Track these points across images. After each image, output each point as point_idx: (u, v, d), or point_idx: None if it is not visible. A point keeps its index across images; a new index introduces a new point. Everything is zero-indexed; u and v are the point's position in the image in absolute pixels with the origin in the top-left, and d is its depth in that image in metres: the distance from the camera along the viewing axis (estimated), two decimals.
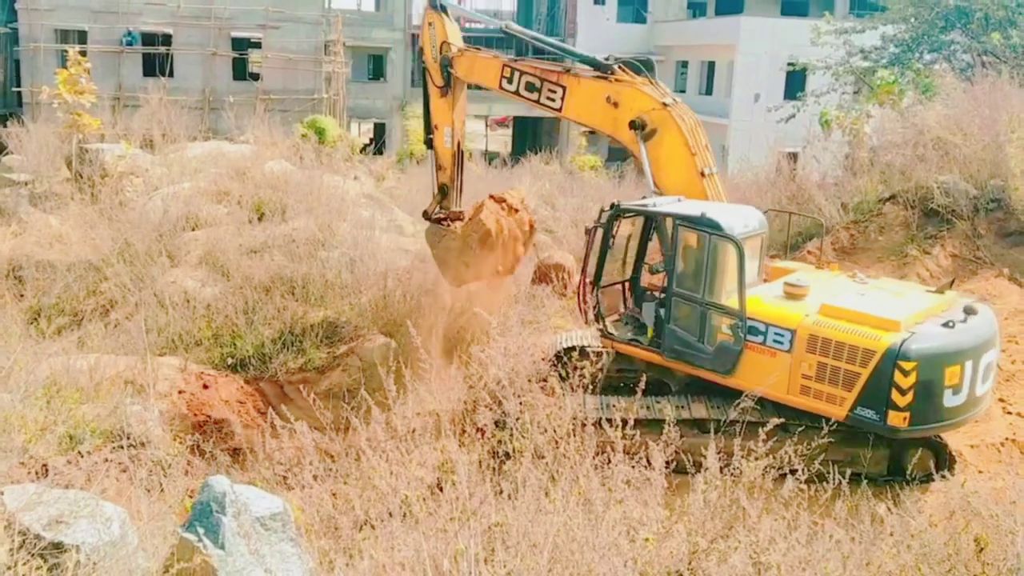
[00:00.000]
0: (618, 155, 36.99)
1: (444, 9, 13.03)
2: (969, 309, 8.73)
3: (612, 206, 10.26)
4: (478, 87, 13.90)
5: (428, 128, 13.73)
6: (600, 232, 10.25)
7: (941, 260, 14.44)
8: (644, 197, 10.88)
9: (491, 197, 13.34)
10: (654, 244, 10.76)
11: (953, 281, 9.08)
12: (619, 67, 10.97)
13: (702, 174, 10.59)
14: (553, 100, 11.45)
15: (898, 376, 8.16)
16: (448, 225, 13.29)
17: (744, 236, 9.41)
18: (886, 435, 8.53)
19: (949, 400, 8.33)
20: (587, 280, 10.43)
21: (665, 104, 10.63)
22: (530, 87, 11.68)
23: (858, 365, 8.40)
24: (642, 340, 10.13)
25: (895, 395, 8.19)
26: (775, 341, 8.91)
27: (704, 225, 9.41)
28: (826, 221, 13.36)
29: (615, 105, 10.78)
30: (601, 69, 11.10)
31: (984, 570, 5.76)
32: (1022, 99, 16.86)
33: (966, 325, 8.58)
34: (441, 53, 12.96)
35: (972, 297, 9.34)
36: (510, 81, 11.90)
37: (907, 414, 8.19)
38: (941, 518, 6.58)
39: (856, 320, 8.61)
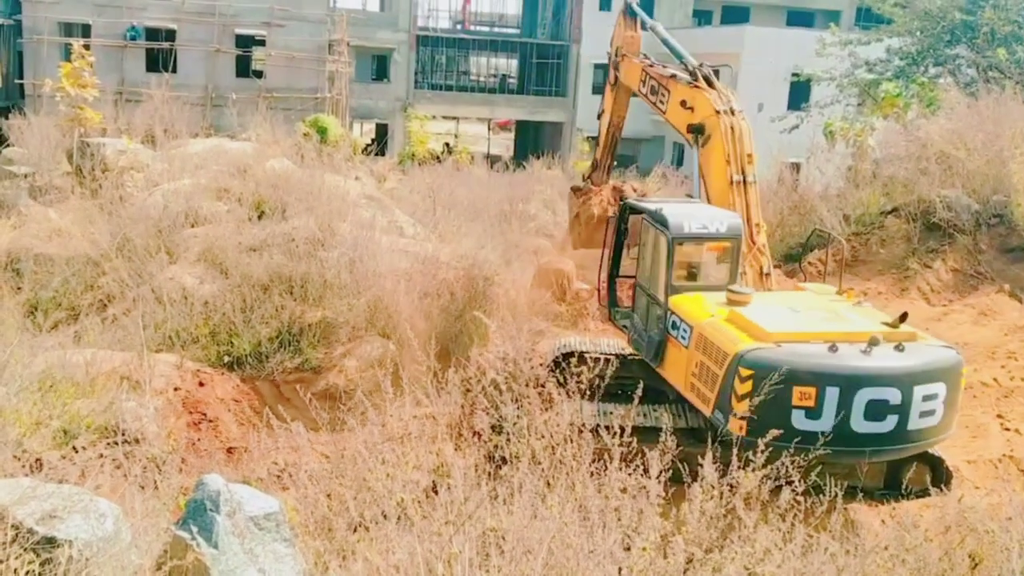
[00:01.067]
0: (621, 161, 37.00)
1: (633, 15, 14.13)
2: (874, 340, 8.20)
3: (621, 200, 11.47)
4: (481, 90, 14.28)
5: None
6: (613, 226, 11.07)
7: (942, 274, 14.44)
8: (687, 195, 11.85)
9: (613, 187, 15.60)
10: None
11: (905, 314, 8.88)
12: (701, 74, 11.57)
13: (731, 182, 10.69)
14: (664, 103, 12.20)
15: (736, 382, 8.08)
16: (587, 193, 15.44)
17: (691, 236, 9.67)
18: (729, 440, 8.00)
19: (801, 422, 7.89)
20: (601, 271, 11.36)
21: (717, 112, 10.93)
22: (654, 90, 12.58)
23: (717, 367, 8.42)
24: (628, 327, 10.80)
25: (733, 400, 8.10)
26: (682, 336, 9.22)
27: (656, 221, 9.95)
28: (828, 232, 13.34)
29: (691, 110, 11.36)
30: (690, 74, 11.72)
31: None
32: None
33: (855, 353, 8.11)
34: (616, 55, 14.36)
35: (929, 336, 9.02)
36: (644, 84, 12.88)
37: (743, 423, 7.94)
38: (937, 533, 6.55)
39: (740, 327, 8.57)
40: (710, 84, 11.38)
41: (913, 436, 8.25)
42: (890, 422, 8.06)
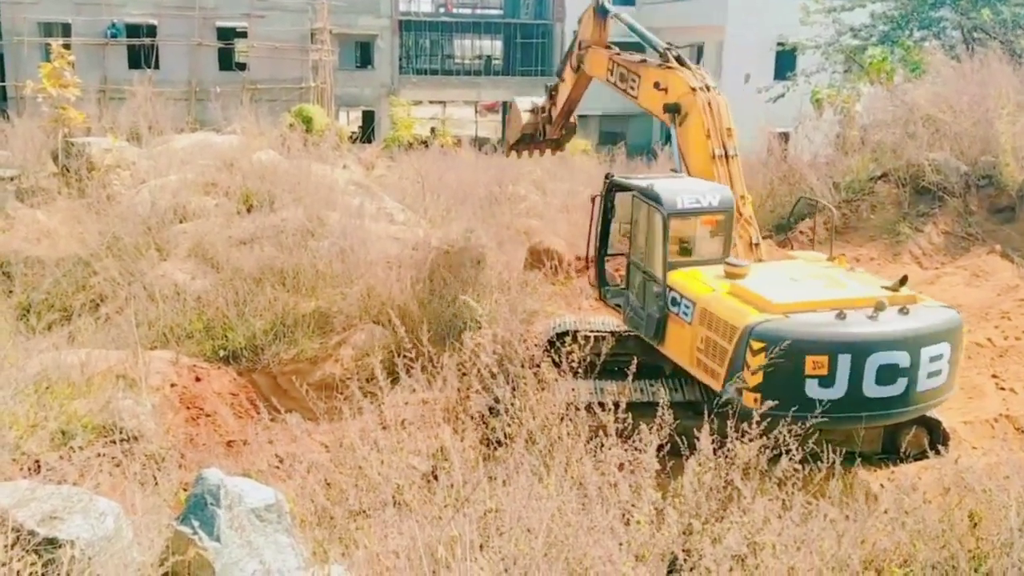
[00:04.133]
0: (608, 139, 36.92)
1: (604, 13, 13.49)
2: (880, 305, 8.24)
3: (606, 177, 11.04)
4: (466, 73, 14.08)
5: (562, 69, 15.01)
6: (599, 203, 10.91)
7: (933, 237, 14.47)
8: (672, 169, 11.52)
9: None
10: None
11: (905, 278, 8.98)
12: (672, 55, 11.53)
13: (713, 156, 10.68)
14: (634, 89, 12.07)
15: (748, 355, 8.07)
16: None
17: (685, 211, 9.63)
18: (744, 414, 7.86)
19: (815, 391, 7.91)
20: (590, 248, 11.15)
21: (694, 89, 10.92)
22: (623, 78, 12.43)
23: (726, 341, 8.40)
24: (622, 305, 10.68)
25: (745, 373, 8.09)
26: (684, 312, 9.15)
27: (648, 197, 9.85)
28: (815, 200, 13.34)
29: (664, 91, 11.33)
30: (661, 56, 11.67)
31: (978, 545, 5.78)
32: (1010, 75, 16.85)
33: (863, 319, 8.16)
34: (580, 47, 13.83)
35: (926, 297, 9.11)
36: (612, 73, 12.70)
37: (757, 395, 7.89)
38: (935, 495, 6.59)
39: (745, 300, 8.56)
40: (681, 63, 11.43)
41: (921, 397, 8.35)
42: (900, 385, 8.11)
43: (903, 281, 8.86)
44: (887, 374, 8.04)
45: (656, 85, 11.43)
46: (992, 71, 16.84)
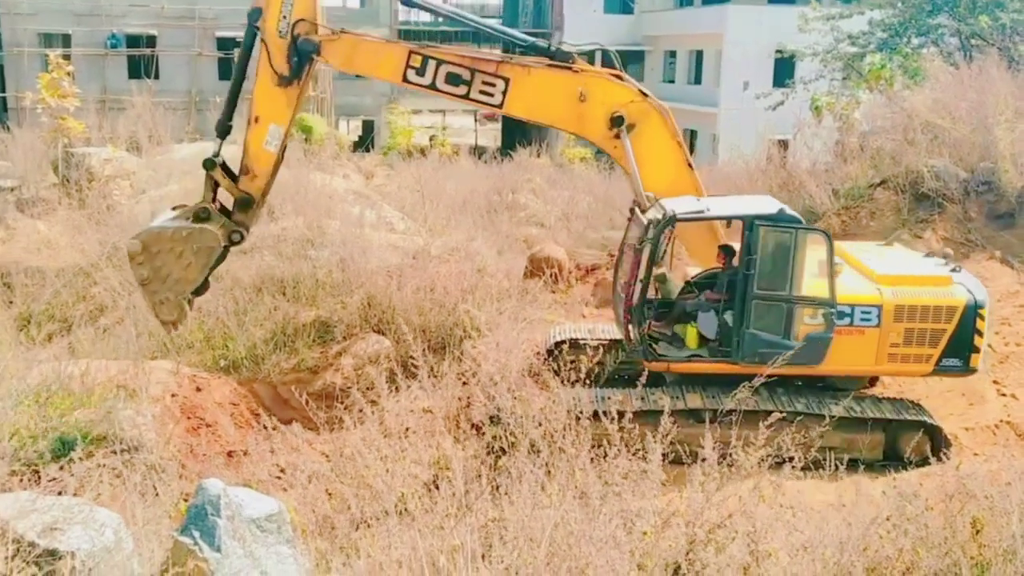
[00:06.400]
0: None
1: None
2: (956, 268, 9.99)
3: (666, 217, 9.37)
4: None
5: (229, 116, 10.82)
6: (649, 248, 9.39)
7: (932, 244, 14.44)
8: (634, 202, 10.36)
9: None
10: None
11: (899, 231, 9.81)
12: (579, 56, 10.21)
13: (688, 164, 10.31)
14: (491, 95, 10.00)
15: (978, 323, 9.56)
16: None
17: (814, 228, 10.20)
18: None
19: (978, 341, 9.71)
20: (631, 302, 9.60)
21: (644, 94, 10.12)
22: (453, 79, 10.00)
23: (944, 323, 9.53)
24: (703, 354, 9.80)
25: (975, 340, 9.58)
26: (863, 319, 9.51)
27: (787, 221, 9.44)
28: (817, 208, 13.35)
29: (582, 99, 9.93)
30: (559, 58, 10.12)
31: (981, 551, 5.76)
32: (1008, 82, 16.88)
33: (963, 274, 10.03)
34: (294, 32, 10.21)
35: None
36: (420, 72, 10.00)
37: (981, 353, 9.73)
38: (937, 501, 6.57)
39: (925, 284, 9.76)
40: (604, 68, 10.25)
41: None
42: None
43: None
44: None
45: (578, 94, 9.95)
46: (990, 77, 16.87)
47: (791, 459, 6.57)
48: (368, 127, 41.98)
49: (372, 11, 42.32)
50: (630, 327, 9.66)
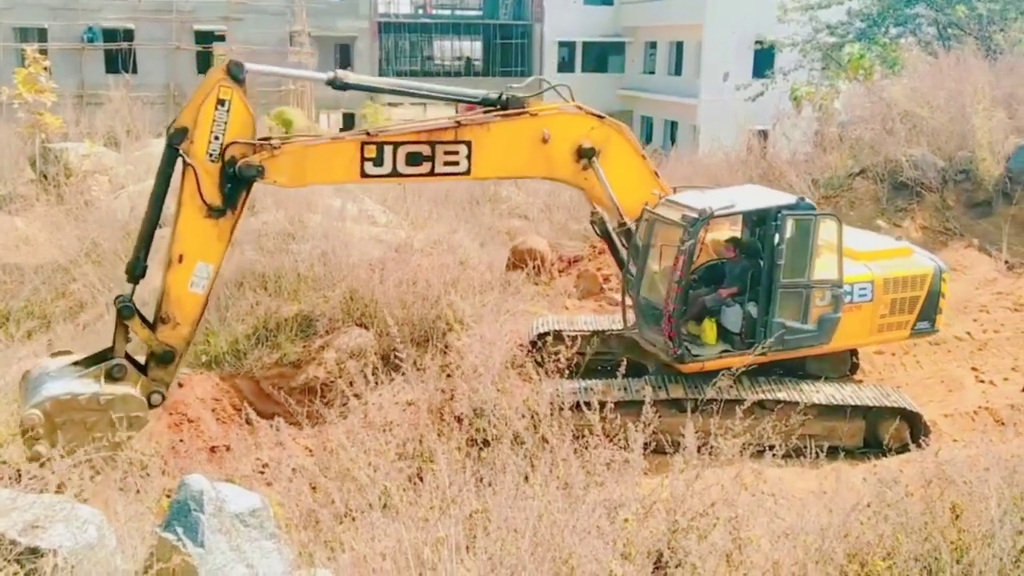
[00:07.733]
0: None
1: (239, 77, 8.45)
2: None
3: (700, 215, 9.18)
4: (446, 74, 13.20)
5: (144, 255, 8.99)
6: (689, 249, 9.16)
7: (911, 233, 14.57)
8: (593, 214, 10.39)
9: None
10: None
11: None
12: (522, 97, 9.51)
13: (655, 172, 10.30)
14: (456, 163, 9.18)
15: (942, 288, 10.42)
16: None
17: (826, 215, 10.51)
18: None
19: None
20: (672, 309, 9.34)
21: (600, 116, 9.76)
22: (415, 159, 9.07)
23: (918, 290, 10.28)
24: (732, 349, 9.77)
25: (940, 303, 10.46)
26: (860, 296, 10.01)
27: (806, 209, 9.73)
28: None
29: (545, 140, 9.38)
30: (513, 106, 9.44)
31: (960, 536, 5.83)
32: (986, 71, 17.02)
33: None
34: (225, 154, 8.50)
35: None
36: (378, 163, 8.94)
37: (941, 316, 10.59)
38: (917, 487, 6.64)
39: (901, 255, 10.63)
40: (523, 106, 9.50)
41: None
42: None
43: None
44: None
45: (542, 136, 9.42)
46: (968, 67, 17.01)
47: (772, 447, 6.63)
48: (348, 120, 41.82)
49: (352, 4, 42.11)
50: (672, 334, 9.39)
